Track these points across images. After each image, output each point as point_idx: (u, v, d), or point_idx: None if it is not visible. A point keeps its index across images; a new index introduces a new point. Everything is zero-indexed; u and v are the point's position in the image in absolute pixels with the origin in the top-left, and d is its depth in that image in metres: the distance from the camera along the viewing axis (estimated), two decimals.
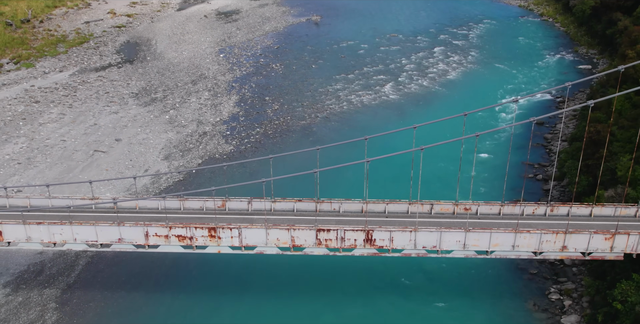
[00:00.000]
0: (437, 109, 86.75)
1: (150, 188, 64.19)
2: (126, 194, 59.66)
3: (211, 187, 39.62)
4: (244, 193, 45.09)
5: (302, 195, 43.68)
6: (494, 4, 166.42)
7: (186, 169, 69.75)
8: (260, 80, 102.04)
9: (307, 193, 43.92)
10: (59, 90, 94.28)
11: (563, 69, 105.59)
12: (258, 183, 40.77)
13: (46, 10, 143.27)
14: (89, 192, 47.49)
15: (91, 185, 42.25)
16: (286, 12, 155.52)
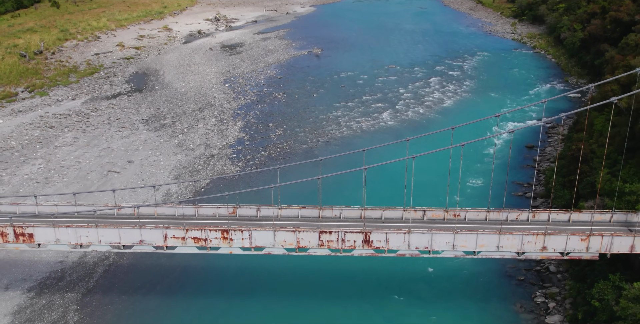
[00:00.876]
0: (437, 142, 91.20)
1: (166, 200, 68.21)
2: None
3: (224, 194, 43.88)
4: (253, 202, 49.33)
5: (306, 203, 47.73)
6: (489, 37, 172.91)
7: (201, 179, 74.03)
8: (264, 107, 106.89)
9: (311, 201, 48.00)
10: (72, 116, 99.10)
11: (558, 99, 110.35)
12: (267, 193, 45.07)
13: (57, 42, 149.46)
14: (112, 202, 51.48)
15: (114, 193, 46.36)
16: (288, 45, 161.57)
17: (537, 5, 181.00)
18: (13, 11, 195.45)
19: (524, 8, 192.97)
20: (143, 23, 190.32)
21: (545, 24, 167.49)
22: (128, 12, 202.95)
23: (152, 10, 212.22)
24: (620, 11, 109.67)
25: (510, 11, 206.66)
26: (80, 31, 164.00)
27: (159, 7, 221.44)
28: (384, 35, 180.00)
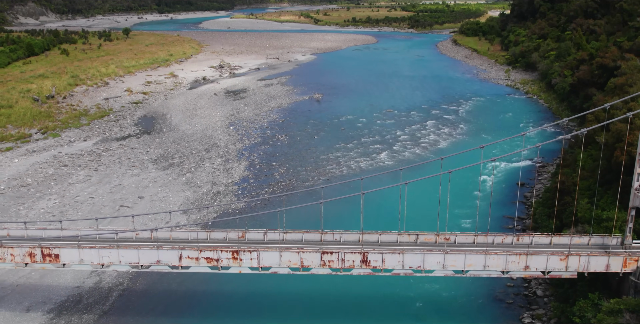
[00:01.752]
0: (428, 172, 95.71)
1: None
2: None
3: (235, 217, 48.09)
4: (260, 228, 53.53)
5: (309, 228, 51.84)
6: (484, 83, 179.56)
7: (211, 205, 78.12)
8: (267, 148, 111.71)
9: (313, 226, 52.13)
10: (84, 156, 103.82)
11: (545, 139, 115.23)
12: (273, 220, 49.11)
13: (68, 87, 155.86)
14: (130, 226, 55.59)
15: (133, 218, 50.59)
16: (290, 91, 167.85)
17: (529, 53, 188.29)
18: (25, 58, 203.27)
19: (517, 56, 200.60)
20: (150, 70, 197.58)
21: (538, 70, 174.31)
22: (135, 59, 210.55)
23: (159, 58, 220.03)
24: (606, 57, 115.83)
25: (504, 59, 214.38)
26: (90, 77, 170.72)
27: (165, 55, 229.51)
28: (382, 81, 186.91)
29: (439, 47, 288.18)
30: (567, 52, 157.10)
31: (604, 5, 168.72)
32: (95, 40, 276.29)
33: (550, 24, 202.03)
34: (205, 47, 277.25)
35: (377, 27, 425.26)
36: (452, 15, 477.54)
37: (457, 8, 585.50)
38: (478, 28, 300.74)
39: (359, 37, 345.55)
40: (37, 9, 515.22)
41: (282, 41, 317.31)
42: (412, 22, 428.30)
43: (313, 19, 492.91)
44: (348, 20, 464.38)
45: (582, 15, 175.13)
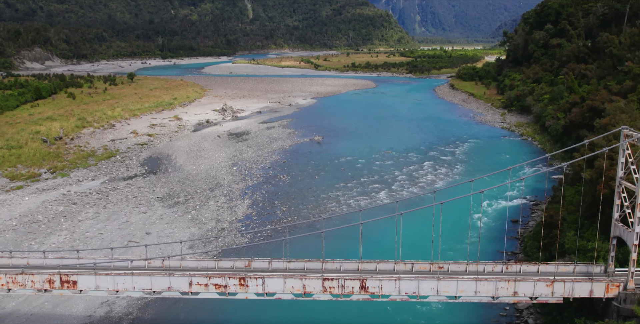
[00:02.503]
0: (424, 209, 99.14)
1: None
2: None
3: (243, 246, 51.39)
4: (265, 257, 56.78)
5: (311, 257, 55.03)
6: (480, 126, 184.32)
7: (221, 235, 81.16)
8: (269, 188, 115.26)
9: (315, 256, 55.35)
10: (92, 194, 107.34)
11: (539, 178, 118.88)
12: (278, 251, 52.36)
13: (76, 129, 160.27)
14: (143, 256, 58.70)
15: (146, 248, 53.89)
16: (291, 133, 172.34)
17: (524, 97, 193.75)
18: (32, 101, 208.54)
19: (513, 99, 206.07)
20: (155, 113, 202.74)
21: (532, 113, 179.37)
22: (140, 103, 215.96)
23: (163, 102, 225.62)
24: (596, 100, 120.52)
25: (500, 102, 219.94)
26: (97, 119, 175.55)
27: (169, 98, 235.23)
28: (381, 124, 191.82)
29: (437, 92, 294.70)
30: (560, 96, 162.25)
31: (594, 50, 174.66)
32: (100, 85, 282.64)
33: (544, 69, 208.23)
34: (208, 92, 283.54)
35: (376, 72, 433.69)
36: (450, 60, 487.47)
37: (454, 54, 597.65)
38: (474, 73, 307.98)
39: (358, 82, 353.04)
40: (43, 54, 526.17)
41: (283, 86, 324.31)
42: (410, 67, 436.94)
43: (313, 64, 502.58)
44: (347, 65, 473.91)
45: (574, 60, 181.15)
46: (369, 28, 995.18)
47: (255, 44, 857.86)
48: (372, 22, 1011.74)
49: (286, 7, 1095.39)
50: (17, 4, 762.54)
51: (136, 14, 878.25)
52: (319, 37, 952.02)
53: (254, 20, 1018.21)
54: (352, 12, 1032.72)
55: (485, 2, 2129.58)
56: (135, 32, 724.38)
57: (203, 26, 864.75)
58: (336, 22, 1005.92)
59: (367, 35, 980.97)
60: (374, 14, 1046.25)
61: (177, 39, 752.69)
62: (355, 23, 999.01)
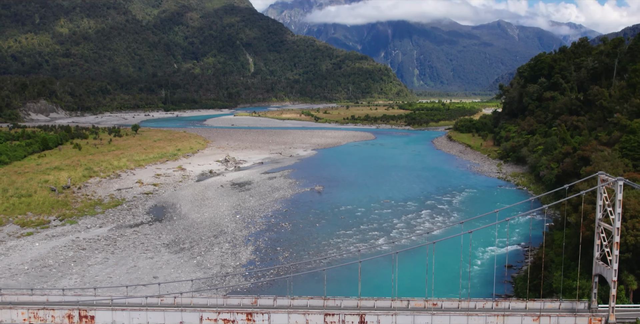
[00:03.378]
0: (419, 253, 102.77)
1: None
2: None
3: (249, 282, 55.07)
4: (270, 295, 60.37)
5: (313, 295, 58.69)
6: (477, 176, 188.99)
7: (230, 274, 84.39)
8: (272, 235, 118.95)
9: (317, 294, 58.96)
10: (101, 241, 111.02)
11: (533, 225, 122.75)
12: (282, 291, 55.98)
13: (83, 179, 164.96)
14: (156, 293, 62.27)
15: (159, 286, 57.56)
16: (292, 183, 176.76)
17: (519, 148, 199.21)
18: (40, 152, 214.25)
19: (508, 150, 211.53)
20: (159, 163, 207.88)
21: (527, 164, 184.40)
22: (145, 153, 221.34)
23: (167, 153, 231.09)
24: (586, 150, 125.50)
25: (496, 153, 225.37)
26: (103, 169, 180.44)
27: (173, 149, 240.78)
28: (380, 174, 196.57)
29: (435, 143, 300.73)
30: (553, 146, 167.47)
31: (586, 103, 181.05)
32: (105, 136, 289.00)
33: (538, 121, 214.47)
34: (211, 143, 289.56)
35: (375, 124, 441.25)
36: (448, 113, 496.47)
37: (452, 106, 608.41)
38: (471, 125, 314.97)
39: (358, 134, 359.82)
40: (48, 106, 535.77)
41: (284, 137, 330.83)
42: (408, 119, 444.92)
43: (314, 116, 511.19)
44: (347, 118, 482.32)
45: (567, 112, 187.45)
46: (368, 81, 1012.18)
47: (257, 97, 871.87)
48: (371, 75, 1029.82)
49: (287, 61, 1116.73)
50: (24, 58, 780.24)
51: (140, 67, 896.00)
52: (319, 90, 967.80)
53: (256, 73, 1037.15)
54: (352, 66, 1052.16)
55: (482, 56, 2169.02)
56: (138, 85, 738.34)
57: (205, 79, 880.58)
58: (336, 76, 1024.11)
59: (367, 88, 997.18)
60: (373, 67, 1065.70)
61: (180, 91, 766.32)
62: (354, 76, 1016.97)
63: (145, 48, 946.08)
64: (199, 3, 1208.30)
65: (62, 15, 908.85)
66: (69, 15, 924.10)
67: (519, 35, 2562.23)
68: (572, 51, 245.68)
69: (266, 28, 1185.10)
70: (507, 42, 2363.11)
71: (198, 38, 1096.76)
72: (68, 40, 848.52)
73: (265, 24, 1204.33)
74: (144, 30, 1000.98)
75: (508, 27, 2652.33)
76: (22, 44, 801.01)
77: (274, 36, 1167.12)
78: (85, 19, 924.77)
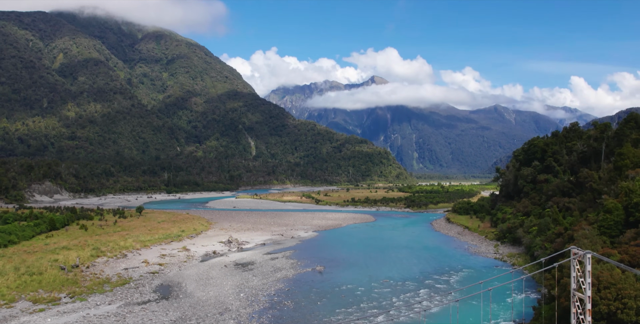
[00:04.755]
0: None
1: None
2: None
3: None
4: None
5: None
6: (474, 257, 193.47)
7: None
8: (275, 312, 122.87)
9: None
10: (110, 317, 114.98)
11: (528, 303, 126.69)
12: None
13: (91, 258, 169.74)
14: None
15: None
16: (294, 263, 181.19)
17: (515, 229, 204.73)
18: (47, 232, 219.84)
19: (505, 232, 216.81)
20: (164, 244, 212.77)
21: (523, 244, 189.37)
22: (150, 234, 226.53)
23: (172, 234, 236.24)
24: (575, 230, 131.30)
25: (494, 235, 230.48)
26: (110, 249, 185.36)
27: (177, 230, 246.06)
28: (380, 255, 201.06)
29: (433, 225, 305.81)
30: (547, 227, 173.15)
31: (577, 185, 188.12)
32: (110, 217, 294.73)
33: (533, 203, 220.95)
34: (214, 224, 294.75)
35: (375, 206, 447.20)
36: (447, 195, 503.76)
37: (451, 189, 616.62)
38: (469, 207, 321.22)
39: (358, 216, 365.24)
40: (53, 188, 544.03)
41: (286, 219, 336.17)
42: (408, 202, 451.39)
43: (314, 199, 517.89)
44: (348, 200, 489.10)
45: (560, 194, 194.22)
46: (368, 164, 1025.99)
47: (258, 180, 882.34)
48: (371, 158, 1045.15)
49: (288, 144, 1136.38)
50: (30, 140, 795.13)
51: (143, 150, 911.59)
52: (320, 173, 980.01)
53: (257, 156, 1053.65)
54: (352, 150, 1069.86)
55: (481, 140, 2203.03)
56: (142, 168, 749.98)
57: (207, 162, 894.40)
58: (336, 159, 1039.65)
59: (367, 171, 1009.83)
60: (372, 151, 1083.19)
61: (182, 174, 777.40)
62: (355, 160, 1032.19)
63: (150, 131, 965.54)
64: (203, 88, 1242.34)
65: (69, 99, 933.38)
66: (77, 99, 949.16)
67: (515, 119, 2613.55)
68: (564, 135, 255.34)
69: (268, 113, 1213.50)
70: (505, 126, 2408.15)
71: (201, 122, 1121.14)
72: (74, 123, 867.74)
73: (267, 109, 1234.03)
74: (149, 115, 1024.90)
75: (505, 111, 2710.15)
76: (29, 127, 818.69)
77: (276, 120, 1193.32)
78: (92, 103, 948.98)
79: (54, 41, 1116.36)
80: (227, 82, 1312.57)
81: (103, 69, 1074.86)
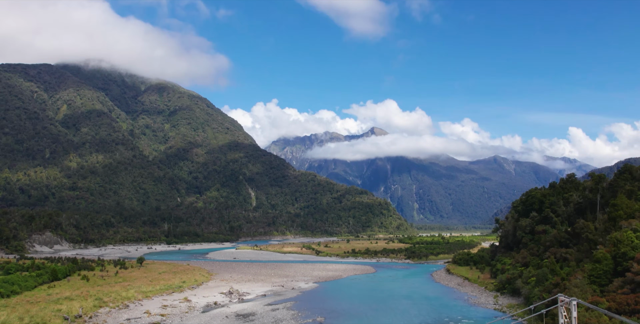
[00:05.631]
0: None
1: None
2: None
3: None
4: None
5: None
6: (474, 308, 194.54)
7: None
8: None
9: None
10: None
11: None
12: None
13: (93, 308, 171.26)
14: None
15: None
16: (295, 314, 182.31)
17: (514, 280, 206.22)
18: (49, 282, 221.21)
19: (504, 283, 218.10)
20: (165, 295, 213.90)
21: (522, 295, 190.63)
22: (151, 285, 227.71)
23: (173, 285, 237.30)
24: (570, 280, 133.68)
25: (493, 286, 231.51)
26: (112, 300, 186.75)
27: (178, 282, 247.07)
28: (380, 306, 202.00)
29: (433, 276, 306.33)
30: (544, 278, 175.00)
31: (574, 235, 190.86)
32: (111, 268, 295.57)
33: (531, 253, 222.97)
34: (215, 276, 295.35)
35: (376, 258, 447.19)
36: (447, 246, 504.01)
37: (451, 240, 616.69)
38: (469, 258, 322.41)
39: (359, 267, 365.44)
40: (53, 238, 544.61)
41: (286, 270, 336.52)
42: (408, 253, 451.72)
43: (315, 250, 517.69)
44: (348, 251, 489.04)
45: (557, 245, 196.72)
46: (368, 215, 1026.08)
47: (258, 231, 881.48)
48: (371, 209, 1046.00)
49: (288, 195, 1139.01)
50: (31, 190, 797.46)
51: (144, 201, 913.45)
52: (320, 224, 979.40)
53: (257, 207, 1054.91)
54: (352, 200, 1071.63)
55: (481, 191, 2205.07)
56: (142, 218, 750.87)
57: (208, 213, 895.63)
58: (337, 210, 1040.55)
59: (367, 222, 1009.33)
60: (373, 202, 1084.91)
61: (182, 225, 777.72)
62: (355, 211, 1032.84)
63: (150, 182, 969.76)
64: (204, 140, 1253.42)
65: (72, 150, 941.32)
66: (79, 150, 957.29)
67: (515, 170, 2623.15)
68: (561, 186, 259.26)
69: (268, 163, 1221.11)
70: (505, 176, 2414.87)
71: (202, 173, 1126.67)
72: (76, 174, 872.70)
73: (267, 160, 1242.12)
74: (150, 165, 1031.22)
75: (504, 162, 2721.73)
76: (31, 177, 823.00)
77: (276, 171, 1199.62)
78: (94, 154, 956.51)
79: (58, 93, 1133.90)
80: (228, 133, 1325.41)
81: (106, 121, 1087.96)
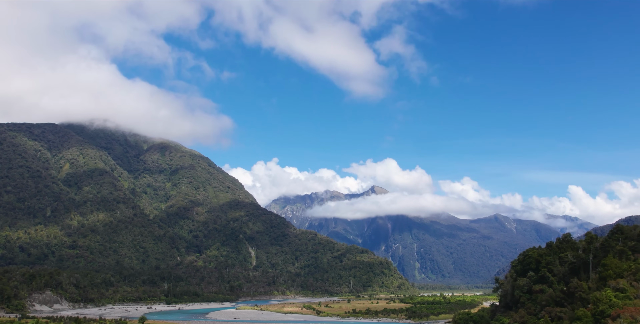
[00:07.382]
0: None
1: None
2: None
3: None
4: None
5: None
6: None
7: None
8: None
9: None
10: None
11: None
12: None
13: None
14: None
15: None
16: None
17: None
18: None
19: None
20: None
21: None
22: None
23: None
24: None
25: None
26: None
27: None
28: None
29: None
30: None
31: (569, 294, 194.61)
32: None
33: (529, 313, 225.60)
34: None
35: (377, 318, 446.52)
36: (448, 306, 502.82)
37: (453, 299, 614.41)
38: (469, 318, 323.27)
39: None
40: (53, 297, 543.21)
41: None
42: (409, 313, 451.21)
43: (315, 310, 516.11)
44: (349, 311, 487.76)
45: (553, 304, 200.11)
46: (369, 274, 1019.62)
47: (258, 290, 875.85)
48: (372, 268, 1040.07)
49: (289, 254, 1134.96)
50: (31, 249, 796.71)
51: (144, 260, 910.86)
52: (321, 284, 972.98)
53: (258, 266, 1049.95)
54: (353, 259, 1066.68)
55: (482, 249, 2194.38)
56: (141, 278, 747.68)
57: (207, 272, 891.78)
58: (337, 269, 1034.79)
59: (368, 281, 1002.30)
60: (373, 261, 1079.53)
61: (182, 284, 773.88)
62: (356, 270, 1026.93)
63: (150, 241, 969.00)
64: (205, 198, 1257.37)
65: (73, 208, 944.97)
66: (80, 208, 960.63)
67: (516, 229, 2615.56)
68: (557, 246, 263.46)
69: (269, 222, 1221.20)
70: (506, 235, 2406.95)
71: (202, 231, 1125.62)
72: (76, 232, 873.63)
73: (268, 219, 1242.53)
74: (151, 224, 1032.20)
75: (505, 220, 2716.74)
76: (31, 236, 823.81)
77: (277, 230, 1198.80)
78: (95, 213, 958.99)
79: (62, 152, 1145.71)
80: (229, 192, 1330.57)
81: (108, 179, 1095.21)
